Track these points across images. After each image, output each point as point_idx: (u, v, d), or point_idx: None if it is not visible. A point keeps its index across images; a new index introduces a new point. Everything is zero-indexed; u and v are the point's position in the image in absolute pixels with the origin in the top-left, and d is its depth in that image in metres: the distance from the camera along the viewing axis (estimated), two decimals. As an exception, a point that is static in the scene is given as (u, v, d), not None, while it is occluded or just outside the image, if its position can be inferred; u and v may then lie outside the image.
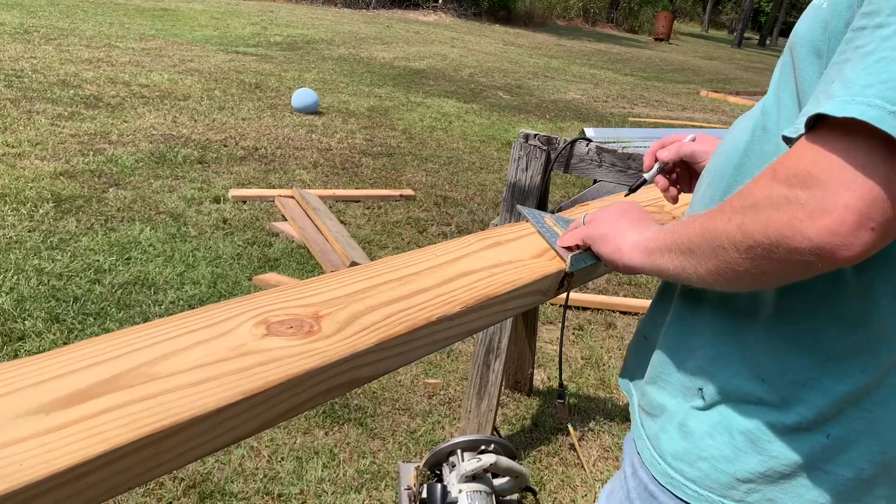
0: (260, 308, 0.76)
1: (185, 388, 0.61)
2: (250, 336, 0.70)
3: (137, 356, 0.64)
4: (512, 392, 2.80)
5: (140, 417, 0.56)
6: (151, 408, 0.58)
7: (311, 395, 0.68)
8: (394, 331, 0.75)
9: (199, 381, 0.62)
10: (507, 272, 0.93)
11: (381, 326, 0.75)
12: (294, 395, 0.66)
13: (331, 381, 0.69)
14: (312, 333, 0.72)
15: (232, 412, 0.61)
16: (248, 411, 0.62)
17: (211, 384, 0.62)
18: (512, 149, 2.23)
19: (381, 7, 19.80)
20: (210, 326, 0.71)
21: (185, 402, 0.59)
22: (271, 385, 0.63)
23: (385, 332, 0.74)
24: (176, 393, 0.60)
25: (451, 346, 3.06)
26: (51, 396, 0.57)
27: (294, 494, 2.13)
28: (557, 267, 0.97)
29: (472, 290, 0.86)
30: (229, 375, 0.63)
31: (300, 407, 0.68)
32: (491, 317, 0.87)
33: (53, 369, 0.61)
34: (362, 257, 3.68)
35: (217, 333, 0.70)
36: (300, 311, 0.76)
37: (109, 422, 0.55)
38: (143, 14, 12.35)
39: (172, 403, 0.58)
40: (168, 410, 0.58)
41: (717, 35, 40.06)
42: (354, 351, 0.70)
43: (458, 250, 0.99)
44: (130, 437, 0.54)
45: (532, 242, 1.06)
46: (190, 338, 0.68)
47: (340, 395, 0.73)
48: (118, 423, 0.55)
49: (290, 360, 0.67)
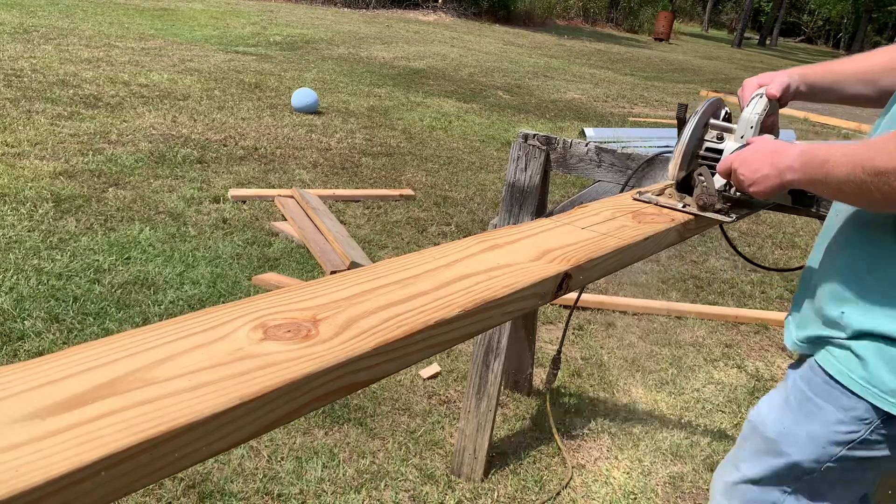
0: (258, 312, 0.76)
1: (183, 392, 0.60)
2: (248, 340, 0.70)
3: (134, 360, 0.64)
4: (511, 392, 2.80)
5: (137, 423, 0.56)
6: (148, 413, 0.57)
7: (309, 400, 0.68)
8: (391, 335, 0.74)
9: (197, 386, 0.62)
10: (505, 275, 0.92)
11: (378, 330, 0.75)
12: (291, 400, 0.66)
13: (328, 386, 0.69)
14: (310, 337, 0.72)
15: (229, 417, 0.61)
16: (246, 416, 0.62)
17: (208, 389, 0.62)
18: (511, 149, 2.23)
19: (380, 7, 19.79)
20: (207, 330, 0.71)
21: (183, 407, 0.59)
22: (268, 390, 0.63)
23: (383, 336, 0.74)
24: (173, 398, 0.60)
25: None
26: (47, 401, 0.57)
27: (294, 494, 2.13)
28: (556, 270, 0.97)
29: (470, 293, 0.85)
30: (227, 380, 0.63)
31: (298, 411, 0.67)
32: (489, 320, 0.87)
33: (50, 373, 0.61)
34: (362, 257, 3.68)
35: (214, 337, 0.70)
36: (298, 314, 0.76)
37: (106, 427, 0.55)
38: (143, 14, 12.34)
39: (169, 408, 0.58)
40: (165, 415, 0.57)
41: (717, 35, 40.04)
42: (352, 355, 0.70)
43: (456, 253, 0.99)
44: (127, 442, 0.54)
45: (531, 244, 1.06)
46: (187, 342, 0.68)
47: (339, 399, 0.73)
48: (115, 429, 0.55)
49: (287, 364, 0.67)
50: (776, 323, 3.72)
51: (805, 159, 1.13)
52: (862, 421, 1.14)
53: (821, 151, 1.11)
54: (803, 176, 1.14)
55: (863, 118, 10.54)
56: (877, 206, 1.05)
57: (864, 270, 1.15)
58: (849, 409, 1.15)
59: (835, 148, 1.09)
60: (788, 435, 1.22)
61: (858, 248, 1.17)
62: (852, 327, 1.15)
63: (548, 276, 0.95)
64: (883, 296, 1.12)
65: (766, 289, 4.18)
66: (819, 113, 11.04)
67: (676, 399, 2.93)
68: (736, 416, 2.85)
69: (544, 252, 1.03)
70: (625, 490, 2.34)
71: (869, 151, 1.01)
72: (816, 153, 1.12)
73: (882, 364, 1.11)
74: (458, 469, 2.32)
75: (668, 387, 3.01)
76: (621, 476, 2.41)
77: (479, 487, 2.27)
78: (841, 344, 1.17)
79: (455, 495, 2.22)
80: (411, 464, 2.33)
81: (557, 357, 2.35)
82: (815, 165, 1.11)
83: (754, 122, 1.34)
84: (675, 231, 1.27)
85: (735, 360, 3.31)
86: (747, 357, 3.36)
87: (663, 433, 2.67)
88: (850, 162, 1.04)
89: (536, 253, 1.02)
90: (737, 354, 3.36)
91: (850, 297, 1.16)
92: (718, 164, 1.33)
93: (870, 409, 1.13)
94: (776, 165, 1.18)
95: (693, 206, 1.33)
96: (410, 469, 2.31)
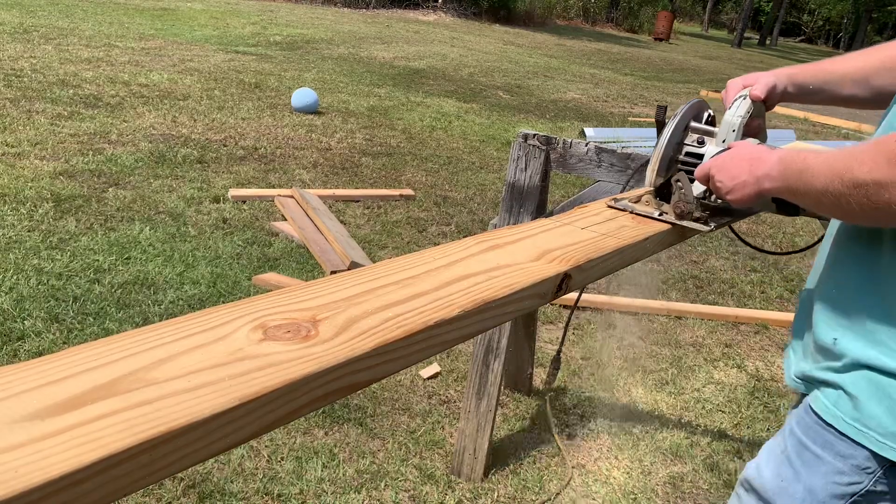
0: (257, 312, 0.76)
1: (182, 393, 0.60)
2: (247, 340, 0.70)
3: (134, 361, 0.64)
4: (511, 392, 2.80)
5: (136, 423, 0.56)
6: (148, 413, 0.57)
7: (309, 400, 0.68)
8: (392, 335, 0.74)
9: (196, 387, 0.61)
10: (505, 275, 0.92)
11: (378, 331, 0.75)
12: (291, 400, 0.66)
13: (328, 386, 0.69)
14: (310, 338, 0.72)
15: (229, 417, 0.61)
16: (245, 417, 0.62)
17: (208, 389, 0.61)
18: (511, 149, 2.23)
19: (380, 7, 19.79)
20: (207, 331, 0.71)
21: (182, 407, 0.59)
22: (268, 390, 0.63)
23: (383, 336, 0.74)
24: (172, 398, 0.60)
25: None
26: (47, 402, 0.57)
27: (294, 494, 2.13)
28: (556, 270, 0.97)
29: (470, 294, 0.85)
30: (226, 381, 0.63)
31: (298, 411, 0.67)
32: (489, 321, 0.87)
33: (50, 374, 0.61)
34: (362, 257, 3.68)
35: (213, 338, 0.70)
36: (298, 315, 0.76)
37: (105, 428, 0.55)
38: (143, 14, 12.34)
39: (169, 409, 0.58)
40: (165, 416, 0.57)
41: (717, 35, 40.04)
42: (352, 356, 0.70)
43: (456, 253, 0.98)
44: (127, 443, 0.54)
45: (531, 245, 1.06)
46: (187, 342, 0.68)
47: (339, 400, 0.73)
48: (114, 429, 0.55)
49: (287, 364, 0.67)
50: (776, 323, 3.72)
51: (783, 167, 1.04)
52: (863, 470, 1.00)
53: (798, 159, 1.01)
54: (782, 184, 1.04)
55: (863, 118, 10.53)
56: (856, 219, 0.97)
57: (857, 290, 1.03)
58: (847, 456, 1.01)
59: (814, 156, 0.98)
60: (785, 490, 1.08)
61: (850, 264, 1.06)
62: (846, 356, 1.02)
63: (548, 277, 0.95)
64: (878, 320, 0.99)
65: (766, 289, 4.18)
66: (819, 113, 11.04)
67: (676, 399, 2.93)
68: (736, 416, 2.85)
69: (544, 252, 1.03)
70: (625, 490, 2.34)
71: (848, 160, 0.91)
72: (794, 160, 1.02)
73: (875, 402, 0.98)
74: (458, 469, 2.32)
75: (668, 387, 3.01)
76: (621, 476, 2.41)
77: (479, 487, 2.27)
78: (833, 381, 1.04)
79: (455, 495, 2.22)
80: (411, 464, 2.33)
81: (557, 357, 2.35)
82: (793, 174, 1.01)
83: (736, 126, 1.27)
84: (676, 232, 1.27)
85: (735, 360, 3.31)
86: (747, 357, 3.36)
87: (663, 433, 2.67)
88: (829, 171, 0.94)
89: (536, 253, 1.02)
90: (737, 354, 3.36)
91: (843, 322, 1.04)
92: (696, 170, 1.25)
93: (870, 456, 0.99)
94: (754, 172, 1.08)
95: (670, 213, 1.27)
96: (410, 469, 2.31)
